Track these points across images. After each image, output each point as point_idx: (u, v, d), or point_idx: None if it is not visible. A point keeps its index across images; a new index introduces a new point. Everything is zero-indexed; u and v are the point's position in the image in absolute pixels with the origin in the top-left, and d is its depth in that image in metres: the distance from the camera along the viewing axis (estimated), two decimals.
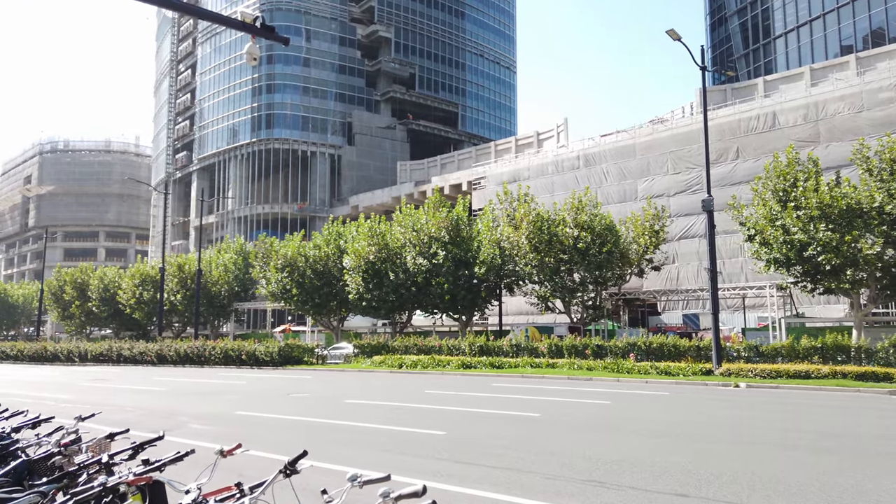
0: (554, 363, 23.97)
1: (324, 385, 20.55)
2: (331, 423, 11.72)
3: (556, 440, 9.68)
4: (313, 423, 11.80)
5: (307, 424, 11.69)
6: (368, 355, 31.80)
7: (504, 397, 15.84)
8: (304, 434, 10.57)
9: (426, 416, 12.51)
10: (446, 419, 12.05)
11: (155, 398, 17.46)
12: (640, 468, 7.68)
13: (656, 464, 7.92)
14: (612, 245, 34.33)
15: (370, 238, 41.08)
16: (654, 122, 49.99)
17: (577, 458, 8.26)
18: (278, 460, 7.41)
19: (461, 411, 13.21)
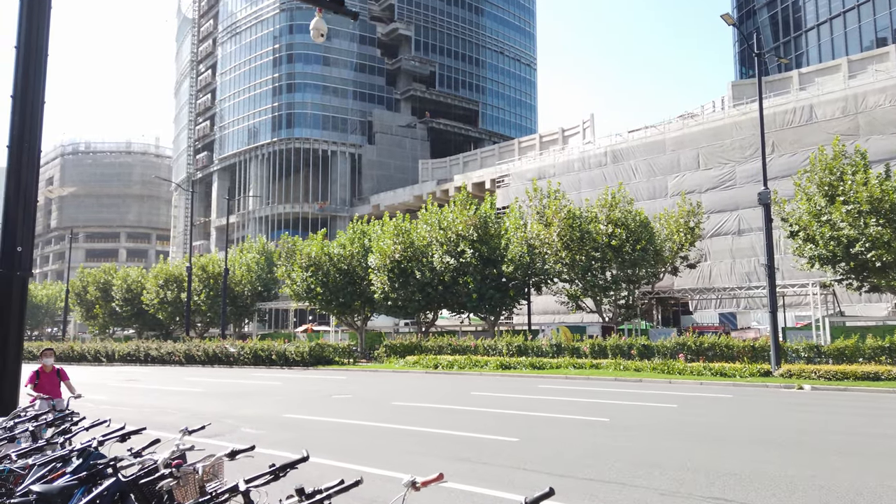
0: (598, 364, 23.22)
1: (363, 386, 19.97)
2: (390, 428, 11.09)
3: (648, 450, 8.97)
4: (371, 428, 11.18)
5: (365, 429, 11.07)
6: (401, 355, 31.20)
7: (559, 400, 15.15)
8: (369, 440, 9.94)
9: (487, 421, 11.86)
10: (510, 424, 11.40)
11: (194, 400, 16.97)
12: (762, 482, 6.97)
13: (777, 477, 7.21)
14: (646, 242, 33.50)
15: (396, 236, 40.52)
16: (684, 116, 48.92)
17: (683, 471, 7.56)
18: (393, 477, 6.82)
19: (522, 415, 12.54)
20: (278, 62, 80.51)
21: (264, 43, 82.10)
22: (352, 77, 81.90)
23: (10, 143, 5.06)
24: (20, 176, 4.97)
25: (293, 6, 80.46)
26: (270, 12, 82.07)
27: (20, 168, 4.94)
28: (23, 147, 4.99)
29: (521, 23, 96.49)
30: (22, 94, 5.11)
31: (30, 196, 5.07)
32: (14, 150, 4.95)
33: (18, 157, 4.90)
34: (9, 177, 5.05)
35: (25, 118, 5.09)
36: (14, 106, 5.09)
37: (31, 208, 5.10)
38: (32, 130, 5.16)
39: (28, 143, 5.08)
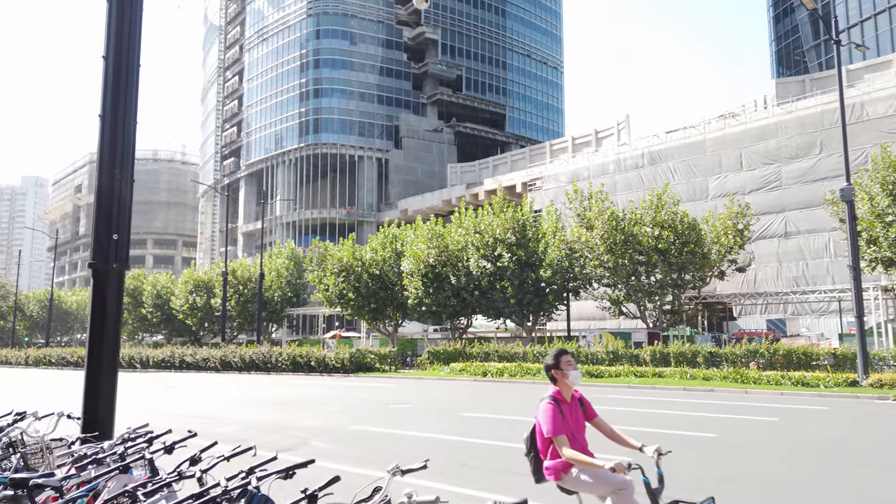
0: (660, 372, 22.08)
1: (417, 395, 19.04)
2: (473, 443, 10.12)
3: (791, 473, 7.90)
4: (452, 443, 10.21)
5: (448, 444, 10.07)
6: (444, 362, 30.27)
7: (644, 412, 14.06)
8: (458, 456, 8.96)
9: None
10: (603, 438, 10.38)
11: (247, 409, 16.20)
12: None
13: None
14: (693, 245, 32.29)
15: (430, 241, 39.72)
16: (725, 116, 47.53)
17: None
18: None
19: None
20: (305, 67, 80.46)
21: (291, 48, 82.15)
22: (378, 81, 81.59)
23: (103, 110, 4.31)
24: (114, 154, 4.19)
25: (320, 11, 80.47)
26: (297, 18, 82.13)
27: (114, 142, 4.18)
28: (117, 116, 4.24)
29: (547, 25, 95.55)
30: (115, 54, 4.37)
31: (125, 179, 4.29)
32: (108, 120, 4.20)
33: (113, 127, 4.15)
34: (101, 155, 4.29)
35: (120, 82, 4.33)
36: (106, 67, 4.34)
37: (127, 190, 4.32)
38: (127, 97, 4.42)
39: (124, 110, 4.32)
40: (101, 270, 4.22)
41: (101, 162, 4.29)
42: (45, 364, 48.11)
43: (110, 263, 4.22)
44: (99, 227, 4.23)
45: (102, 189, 4.30)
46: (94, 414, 4.06)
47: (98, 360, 4.17)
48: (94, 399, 4.12)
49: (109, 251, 4.26)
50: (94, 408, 4.08)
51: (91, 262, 4.22)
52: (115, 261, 4.28)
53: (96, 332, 4.15)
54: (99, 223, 4.21)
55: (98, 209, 4.20)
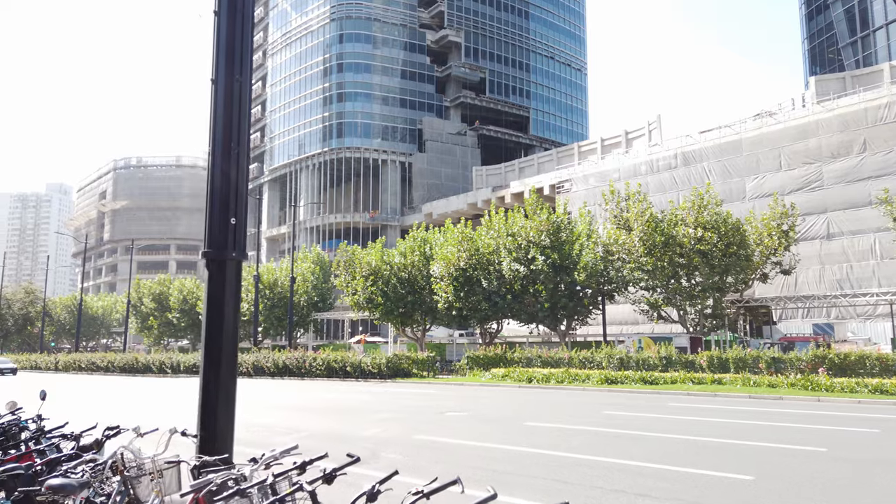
0: (720, 379, 21.13)
1: (469, 402, 18.26)
2: (550, 455, 9.36)
3: None
4: (526, 455, 9.46)
5: (522, 456, 9.34)
6: (485, 368, 29.52)
7: (721, 422, 13.22)
8: (560, 474, 8.21)
9: (659, 448, 10.06)
10: (698, 451, 9.59)
11: (297, 416, 15.58)
12: None
13: None
14: (736, 247, 31.27)
15: (460, 244, 39.07)
16: (761, 115, 46.33)
17: None
18: None
19: (698, 442, 10.62)
20: (328, 72, 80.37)
21: (314, 53, 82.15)
22: (401, 85, 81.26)
23: (216, 73, 3.71)
24: (230, 122, 3.56)
25: (343, 15, 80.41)
26: (320, 22, 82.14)
27: (229, 109, 3.57)
28: (232, 79, 3.61)
29: (570, 27, 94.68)
30: (229, 8, 3.76)
31: (243, 153, 3.64)
32: (221, 84, 3.57)
33: (227, 92, 3.52)
34: (214, 124, 3.65)
35: (234, 40, 3.70)
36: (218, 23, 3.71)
37: (245, 167, 3.67)
38: (243, 58, 3.81)
39: (240, 72, 3.69)
40: (217, 261, 3.58)
41: (215, 133, 3.66)
42: (74, 369, 48.08)
43: (228, 252, 3.57)
44: (213, 211, 3.59)
45: (216, 166, 3.66)
46: (211, 430, 3.39)
47: (216, 366, 3.51)
48: (212, 412, 3.46)
49: (227, 238, 3.61)
50: (211, 422, 3.42)
51: (205, 252, 3.58)
52: (234, 248, 3.63)
53: (213, 334, 3.49)
54: (213, 207, 3.57)
55: (212, 191, 3.56)
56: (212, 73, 3.78)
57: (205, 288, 3.63)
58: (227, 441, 3.52)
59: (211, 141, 3.67)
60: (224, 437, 3.50)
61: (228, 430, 3.56)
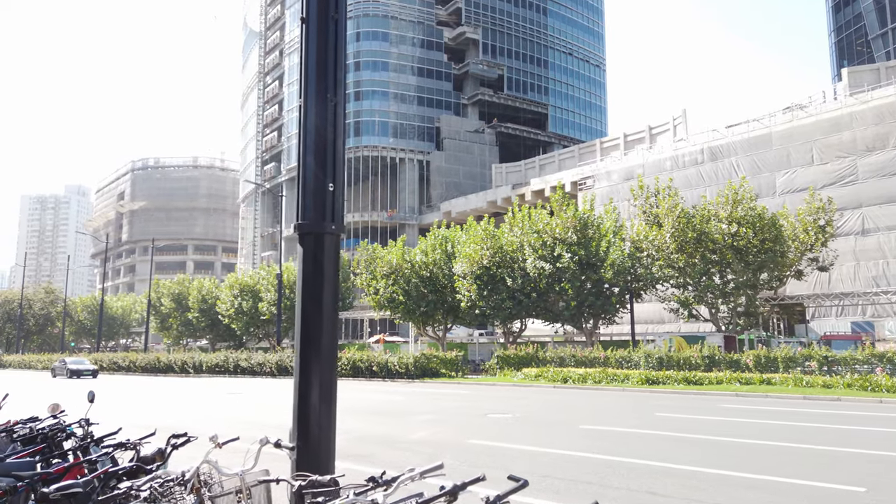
0: (768, 379, 20.26)
1: (509, 403, 17.52)
2: (631, 464, 8.47)
3: None
4: (607, 463, 8.61)
5: (604, 464, 8.46)
6: (516, 367, 28.80)
7: (787, 425, 12.41)
8: (638, 483, 7.45)
9: (751, 454, 9.25)
10: (800, 460, 8.78)
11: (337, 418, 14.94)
12: None
13: None
14: (771, 243, 30.31)
15: (484, 241, 38.40)
16: (791, 108, 45.20)
17: None
18: None
19: (785, 447, 9.80)
20: (346, 70, 79.92)
21: None
22: (418, 83, 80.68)
23: (307, 10, 3.08)
24: (325, 65, 2.89)
25: (360, 13, 79.97)
26: None
27: (324, 49, 2.92)
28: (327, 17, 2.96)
29: (589, 23, 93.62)
30: None
31: (340, 105, 2.96)
32: (312, 23, 2.93)
33: (322, 32, 2.88)
34: (305, 70, 2.98)
35: None
36: None
37: (342, 123, 3.00)
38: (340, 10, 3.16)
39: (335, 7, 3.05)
40: (314, 235, 2.91)
41: (306, 80, 3.00)
42: None
43: (326, 224, 2.90)
44: (307, 175, 2.90)
45: (308, 120, 2.99)
46: (314, 441, 2.72)
47: (314, 363, 2.81)
48: (310, 418, 2.80)
49: (325, 207, 2.94)
50: (314, 431, 2.76)
51: (299, 223, 2.91)
52: (332, 220, 2.96)
53: (310, 323, 2.81)
54: (306, 170, 2.88)
55: (304, 150, 2.89)
56: (302, 11, 3.13)
57: (298, 268, 2.98)
58: (328, 455, 2.86)
59: (302, 90, 3.03)
60: (325, 449, 2.84)
61: (329, 440, 2.89)
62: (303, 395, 2.89)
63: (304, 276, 2.97)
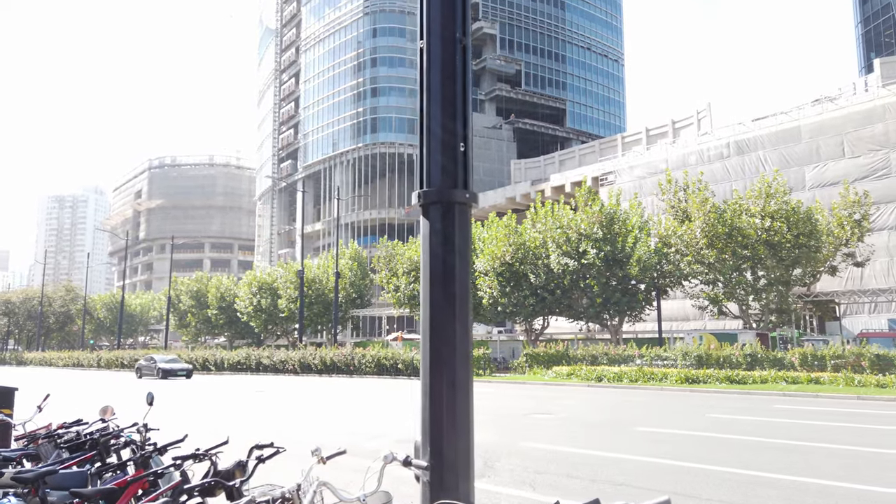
0: (816, 378, 19.50)
1: (548, 403, 16.83)
2: (716, 472, 7.69)
3: None
4: (683, 470, 7.93)
5: (682, 472, 7.77)
6: (545, 366, 28.20)
7: (848, 427, 11.70)
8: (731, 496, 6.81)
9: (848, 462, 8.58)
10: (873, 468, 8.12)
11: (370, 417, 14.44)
12: None
13: None
14: (807, 238, 29.43)
15: (506, 237, 37.83)
16: (821, 100, 44.08)
17: None
18: None
19: (873, 453, 9.16)
20: (362, 66, 79.55)
21: (348, 48, 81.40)
22: None
23: None
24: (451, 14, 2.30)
25: (377, 9, 79.50)
26: (354, 17, 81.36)
27: None
28: None
29: (607, 17, 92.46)
30: None
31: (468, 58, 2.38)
32: None
33: None
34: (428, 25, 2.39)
35: None
36: None
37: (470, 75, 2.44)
38: None
39: None
40: (442, 204, 2.33)
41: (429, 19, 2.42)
42: (116, 366, 47.96)
43: (457, 192, 2.30)
44: (431, 133, 2.30)
45: (433, 66, 2.39)
46: (445, 457, 2.15)
47: (445, 363, 2.25)
48: (439, 427, 2.24)
49: (455, 171, 2.34)
50: (439, 444, 2.19)
51: (424, 191, 2.33)
52: (465, 186, 2.37)
53: (440, 314, 2.24)
54: (430, 128, 2.28)
55: (428, 102, 2.31)
56: None
57: (423, 245, 2.41)
58: (467, 476, 2.29)
59: (425, 30, 2.47)
60: (464, 469, 2.26)
61: (469, 457, 2.32)
62: (434, 399, 2.34)
63: (430, 255, 2.41)
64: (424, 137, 2.53)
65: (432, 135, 2.47)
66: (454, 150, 2.45)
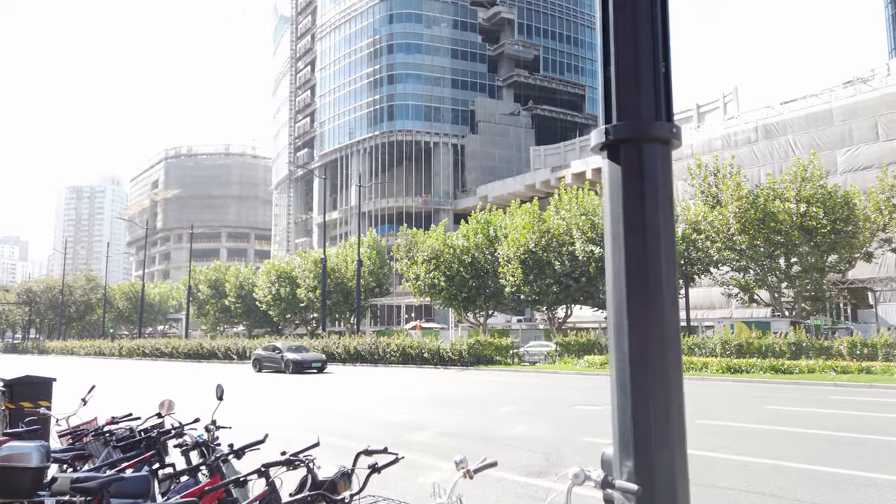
0: (867, 367, 18.76)
1: (591, 394, 16.15)
2: (805, 470, 7.19)
3: None
4: (768, 468, 7.38)
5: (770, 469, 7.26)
6: (577, 355, 27.60)
7: None
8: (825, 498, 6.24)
9: None
10: None
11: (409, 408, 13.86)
12: None
13: None
14: (843, 223, 28.49)
15: (530, 225, 37.16)
16: (853, 82, 42.81)
17: None
18: None
19: None
20: (378, 53, 78.74)
21: (364, 34, 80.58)
22: (452, 65, 79.07)
23: None
24: None
25: None
26: (369, 3, 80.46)
27: None
28: None
29: None
30: None
31: None
32: None
33: None
34: None
35: None
36: None
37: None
38: None
39: None
40: (638, 142, 1.76)
41: None
42: (138, 355, 48.01)
43: (659, 125, 1.76)
44: (619, 50, 1.74)
45: None
46: (657, 477, 1.60)
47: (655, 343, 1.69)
48: (646, 438, 1.67)
49: (656, 97, 1.76)
50: (649, 461, 1.63)
51: (611, 126, 1.75)
52: (668, 118, 1.80)
53: (640, 283, 1.70)
54: (618, 43, 1.73)
55: (614, 4, 1.77)
56: None
57: (610, 199, 1.82)
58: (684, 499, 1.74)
59: None
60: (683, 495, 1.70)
61: (686, 479, 1.74)
62: (638, 400, 1.76)
63: (624, 210, 1.83)
64: (606, 56, 1.94)
65: (619, 52, 1.88)
66: (652, 73, 1.86)
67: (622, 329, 1.84)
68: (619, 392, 1.83)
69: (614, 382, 1.86)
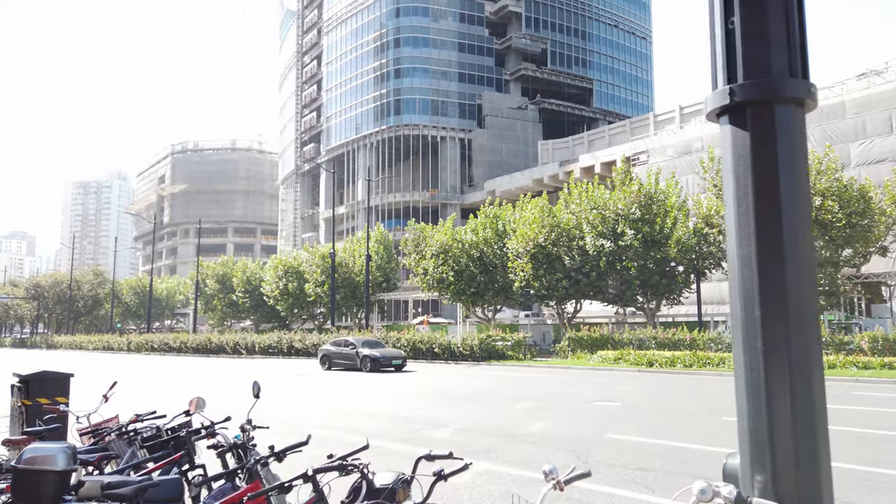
0: (890, 363, 18.47)
1: (606, 389, 15.99)
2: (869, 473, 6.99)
3: None
4: None
5: None
6: (589, 350, 27.34)
7: None
8: None
9: None
10: None
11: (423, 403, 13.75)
12: None
13: None
14: (859, 217, 28.09)
15: (540, 219, 36.86)
16: (867, 74, 42.26)
17: None
18: None
19: None
20: (385, 47, 78.33)
21: (371, 28, 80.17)
22: (460, 59, 78.60)
23: None
24: None
25: None
26: None
27: None
28: None
29: None
30: None
31: None
32: None
33: None
34: None
35: None
36: None
37: None
38: None
39: None
40: (768, 104, 1.55)
41: None
42: (146, 350, 48.00)
43: (793, 84, 1.54)
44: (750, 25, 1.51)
45: None
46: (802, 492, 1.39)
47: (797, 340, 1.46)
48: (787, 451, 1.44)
49: (788, 52, 1.54)
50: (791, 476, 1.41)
51: (737, 86, 1.52)
52: (803, 75, 1.56)
53: (773, 267, 1.46)
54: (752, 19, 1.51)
55: None
56: None
57: (732, 169, 1.57)
58: None
59: None
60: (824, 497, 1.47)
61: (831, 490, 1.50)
62: (775, 403, 1.51)
63: (755, 181, 1.57)
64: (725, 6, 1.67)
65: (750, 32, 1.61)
66: (783, 22, 1.60)
67: (753, 321, 1.58)
68: (750, 395, 1.58)
69: (743, 384, 1.60)
